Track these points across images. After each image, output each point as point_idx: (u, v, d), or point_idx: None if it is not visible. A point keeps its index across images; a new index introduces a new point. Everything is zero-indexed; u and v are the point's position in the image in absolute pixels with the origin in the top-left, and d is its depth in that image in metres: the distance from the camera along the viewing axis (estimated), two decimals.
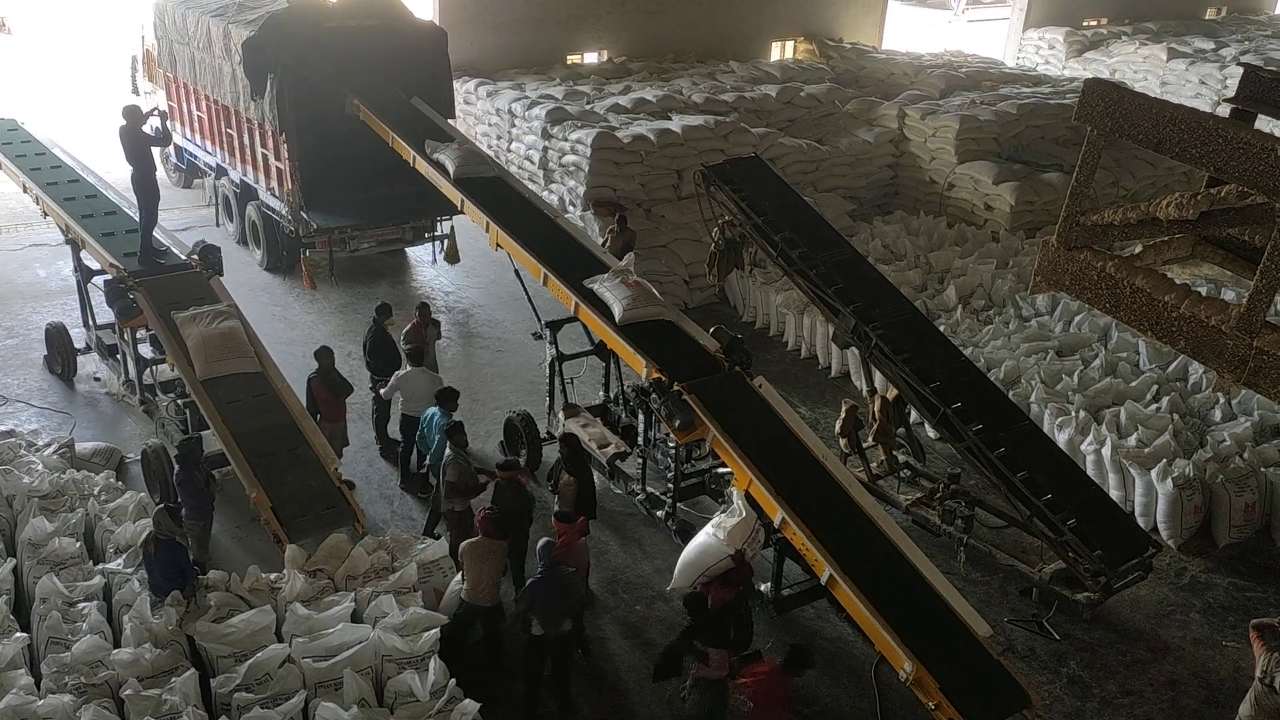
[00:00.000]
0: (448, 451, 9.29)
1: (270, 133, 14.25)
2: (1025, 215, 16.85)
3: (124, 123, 11.10)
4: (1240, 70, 9.91)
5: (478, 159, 12.70)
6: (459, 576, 8.37)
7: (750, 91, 18.78)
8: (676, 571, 8.63)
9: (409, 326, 11.51)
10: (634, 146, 15.68)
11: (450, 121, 14.71)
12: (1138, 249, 9.69)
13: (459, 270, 15.81)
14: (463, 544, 8.27)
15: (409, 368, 10.65)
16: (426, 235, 15.40)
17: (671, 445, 9.54)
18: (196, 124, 16.57)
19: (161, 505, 8.35)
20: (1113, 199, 16.72)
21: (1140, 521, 10.27)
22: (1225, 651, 9.12)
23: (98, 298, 11.84)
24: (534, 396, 11.81)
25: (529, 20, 20.57)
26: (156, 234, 11.66)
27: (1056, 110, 18.63)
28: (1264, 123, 9.72)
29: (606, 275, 10.26)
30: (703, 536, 8.49)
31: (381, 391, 10.87)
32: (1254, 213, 8.11)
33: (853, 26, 24.83)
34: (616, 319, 9.78)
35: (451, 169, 12.19)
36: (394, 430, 11.13)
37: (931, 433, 11.10)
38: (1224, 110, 9.55)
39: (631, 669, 8.66)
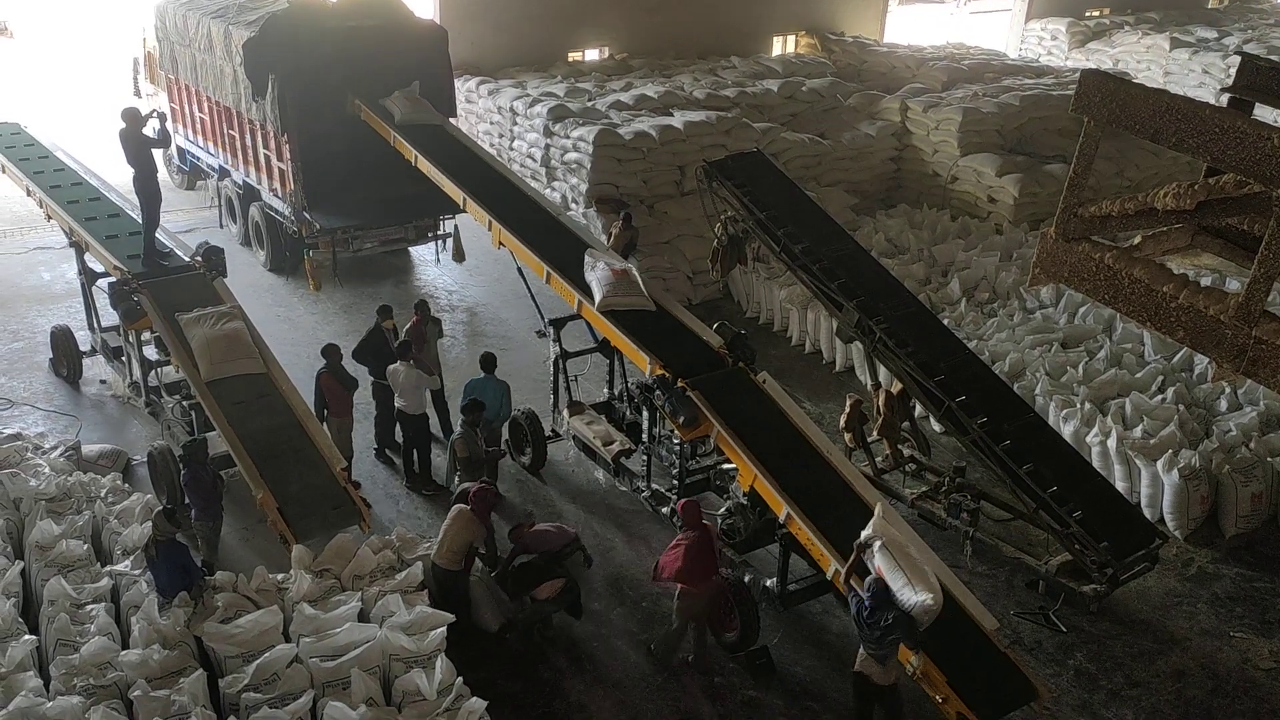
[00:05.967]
0: (458, 429, 9.89)
1: (272, 134, 14.27)
2: (1029, 207, 16.81)
3: (124, 125, 11.14)
4: None
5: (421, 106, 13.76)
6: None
7: (752, 87, 18.76)
8: None
9: (409, 324, 11.51)
10: (636, 143, 15.67)
11: (451, 120, 14.74)
12: (1137, 240, 9.66)
13: (462, 269, 15.83)
14: (454, 507, 8.62)
15: (400, 362, 10.66)
16: (429, 234, 15.43)
17: (676, 442, 9.54)
18: (198, 126, 16.60)
19: (159, 509, 8.39)
20: (1116, 190, 16.66)
21: (1146, 513, 10.25)
22: (1232, 642, 9.10)
23: (102, 300, 11.88)
24: (538, 394, 11.82)
25: (530, 18, 20.58)
26: (160, 236, 11.70)
27: (1059, 101, 18.54)
28: (1262, 111, 9.67)
29: (595, 254, 10.70)
30: None
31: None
32: (1252, 202, 8.05)
33: (854, 20, 24.81)
34: (595, 305, 10.19)
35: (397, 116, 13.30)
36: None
37: (936, 426, 11.10)
38: (1223, 100, 9.50)
39: (637, 664, 8.65)
